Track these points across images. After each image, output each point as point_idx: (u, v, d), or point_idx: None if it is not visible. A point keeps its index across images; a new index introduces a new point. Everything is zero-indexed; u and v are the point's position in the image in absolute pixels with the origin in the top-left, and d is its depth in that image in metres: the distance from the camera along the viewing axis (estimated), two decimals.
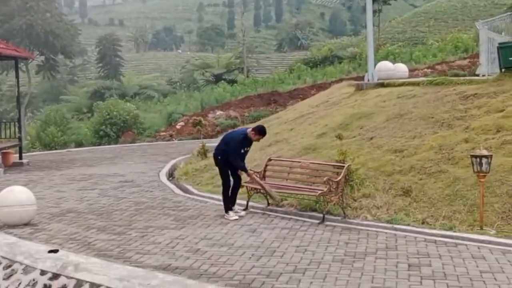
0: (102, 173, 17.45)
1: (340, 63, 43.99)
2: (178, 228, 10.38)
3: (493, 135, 11.89)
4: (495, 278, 7.45)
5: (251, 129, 11.06)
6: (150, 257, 8.58)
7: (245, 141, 10.90)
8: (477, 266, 7.93)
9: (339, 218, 10.67)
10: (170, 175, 17.18)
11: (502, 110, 12.67)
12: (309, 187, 11.47)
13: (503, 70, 14.42)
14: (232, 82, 46.98)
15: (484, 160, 9.51)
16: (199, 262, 8.33)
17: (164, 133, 31.17)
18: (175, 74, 71.63)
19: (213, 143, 19.78)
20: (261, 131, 10.99)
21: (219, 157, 11.05)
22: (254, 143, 11.22)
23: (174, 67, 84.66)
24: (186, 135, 30.04)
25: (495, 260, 8.22)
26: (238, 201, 12.38)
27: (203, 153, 17.20)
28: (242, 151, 10.91)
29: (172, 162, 19.23)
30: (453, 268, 7.88)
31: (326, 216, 10.68)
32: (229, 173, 11.09)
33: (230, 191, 11.15)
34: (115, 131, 31.26)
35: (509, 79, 13.99)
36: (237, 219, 10.79)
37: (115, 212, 11.82)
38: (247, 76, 51.42)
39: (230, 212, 11.03)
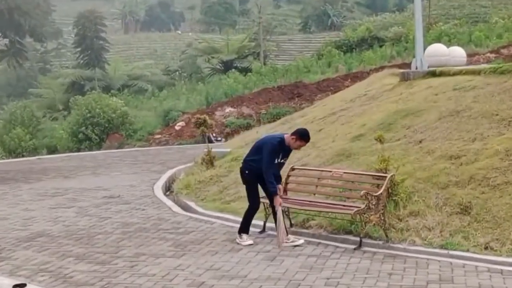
0: (81, 186, 17.57)
1: (381, 46, 43.92)
2: (177, 256, 10.43)
3: None
4: None
5: (289, 134, 10.95)
6: None
7: (281, 149, 10.76)
8: None
9: (380, 242, 10.67)
10: (168, 189, 17.25)
11: None
12: (342, 203, 11.47)
13: None
14: (245, 71, 47.07)
15: None
16: None
17: (159, 136, 31.30)
18: (173, 61, 71.84)
19: (221, 148, 19.91)
20: (303, 136, 10.84)
21: (247, 172, 10.97)
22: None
23: (172, 52, 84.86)
24: (187, 138, 30.14)
25: None
26: (254, 221, 12.43)
27: (209, 161, 17.25)
28: (276, 161, 10.78)
29: (170, 172, 19.31)
30: None
31: (363, 240, 10.68)
32: (258, 192, 10.97)
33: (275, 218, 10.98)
34: (98, 134, 31.45)
35: None
36: (251, 244, 10.79)
37: (97, 236, 11.88)
38: (264, 64, 51.46)
39: (244, 235, 11.04)
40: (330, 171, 12.13)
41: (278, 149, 10.71)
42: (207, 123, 17.56)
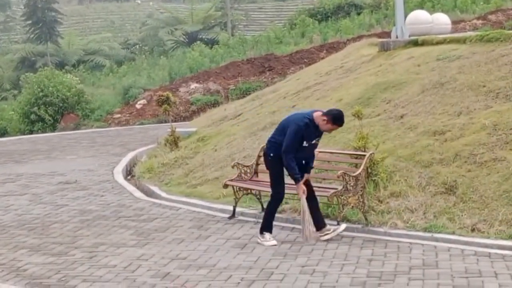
0: (34, 172, 17.48)
1: (359, 14, 43.87)
2: (140, 245, 10.44)
3: None
4: None
5: (321, 112, 10.21)
6: (103, 286, 8.64)
7: (310, 129, 10.06)
8: None
9: (359, 226, 10.75)
10: (128, 173, 17.23)
11: None
12: (317, 185, 11.51)
13: None
14: (211, 43, 46.87)
15: None
16: None
17: (119, 115, 31.15)
18: (133, 34, 71.30)
19: (186, 127, 19.88)
20: (337, 120, 10.11)
21: (271, 155, 10.31)
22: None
23: (132, 24, 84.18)
24: (149, 118, 30.02)
25: None
26: (220, 205, 12.48)
27: (173, 141, 17.22)
28: (305, 143, 10.13)
29: (131, 155, 19.28)
30: None
31: (341, 223, 10.75)
32: (283, 179, 10.42)
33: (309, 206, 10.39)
34: (52, 114, 31.19)
35: None
36: (275, 245, 10.13)
37: (53, 225, 11.86)
38: (232, 35, 51.27)
39: (267, 235, 10.32)
40: None
41: (304, 131, 10.01)
42: (170, 100, 17.49)
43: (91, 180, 15.99)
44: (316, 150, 11.50)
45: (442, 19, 20.54)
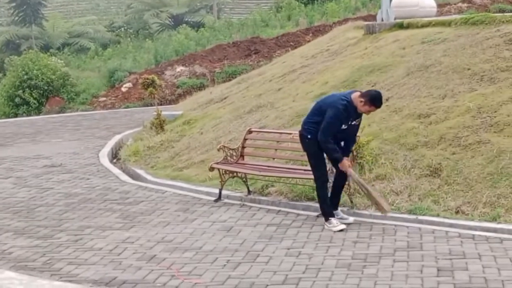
0: (19, 155, 17.43)
1: None
2: (126, 228, 10.45)
3: None
4: None
5: (359, 93, 9.99)
6: (88, 269, 8.65)
7: (348, 112, 9.82)
8: None
9: (345, 209, 10.78)
10: (114, 156, 17.22)
11: None
12: (303, 168, 11.53)
13: None
14: (197, 26, 46.73)
15: None
16: (155, 273, 8.43)
17: (104, 99, 31.07)
18: (118, 17, 70.99)
19: (172, 110, 19.87)
20: (374, 101, 9.85)
21: (309, 137, 10.05)
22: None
23: (117, 6, 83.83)
24: (135, 101, 29.97)
25: None
26: (206, 188, 12.51)
27: (159, 125, 17.22)
28: (344, 126, 9.92)
29: (117, 138, 19.25)
30: (497, 271, 8.06)
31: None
32: (324, 160, 10.19)
33: (331, 189, 10.32)
34: (37, 97, 31.07)
35: None
36: (343, 230, 9.89)
37: (38, 209, 11.85)
38: (218, 18, 51.15)
39: (333, 220, 10.05)
40: (290, 134, 12.14)
41: (343, 114, 9.77)
42: (155, 83, 17.48)
43: (76, 163, 15.96)
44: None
45: (427, 2, 20.55)
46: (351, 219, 10.27)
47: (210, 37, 38.71)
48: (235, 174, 11.89)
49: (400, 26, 17.50)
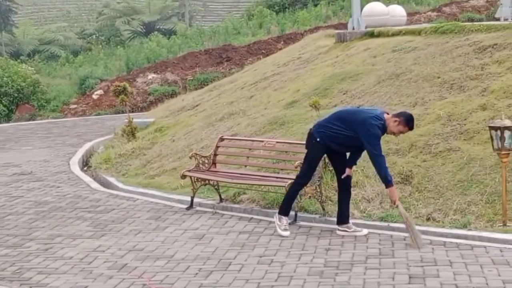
0: None
1: (316, 5, 44.04)
2: (97, 236, 10.37)
3: None
4: None
5: (391, 115, 9.76)
6: (58, 278, 8.57)
7: (383, 130, 9.66)
8: (499, 275, 8.13)
9: (317, 216, 10.79)
10: (85, 164, 17.10)
11: None
12: (275, 175, 11.54)
13: None
14: (169, 33, 46.67)
15: (507, 133, 9.69)
16: (126, 282, 8.36)
17: (75, 106, 30.89)
18: (89, 24, 70.73)
19: (144, 118, 19.79)
20: (409, 122, 9.67)
21: (318, 139, 9.85)
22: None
23: (88, 13, 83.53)
24: (106, 108, 29.83)
25: None
26: (178, 196, 12.46)
27: (131, 132, 17.13)
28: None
29: (87, 145, 19.13)
30: (468, 278, 8.07)
31: (299, 214, 10.78)
32: (316, 166, 10.18)
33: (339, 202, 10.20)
34: (7, 105, 30.81)
35: None
36: (286, 237, 9.92)
37: (8, 217, 11.73)
38: (190, 25, 51.12)
39: (284, 219, 10.08)
40: (262, 141, 12.17)
41: (381, 130, 9.58)
42: (127, 91, 17.42)
43: (46, 171, 15.83)
44: (275, 141, 11.48)
45: (397, 11, 20.73)
46: (365, 231, 10.02)
47: (182, 44, 38.69)
48: (207, 181, 11.84)
49: (371, 35, 17.60)
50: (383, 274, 8.30)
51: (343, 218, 10.13)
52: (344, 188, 10.16)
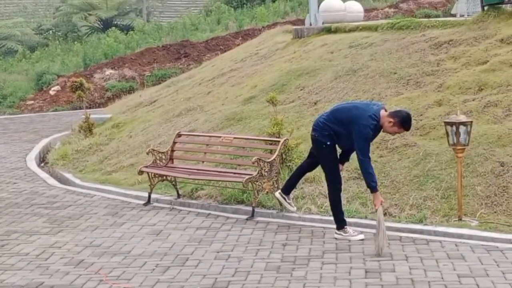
0: None
1: (274, 1, 44.10)
2: (53, 232, 10.28)
3: (474, 95, 12.25)
4: (477, 285, 7.72)
5: (387, 113, 9.31)
6: (15, 274, 8.48)
7: (375, 131, 9.31)
8: (455, 269, 8.21)
9: (274, 211, 10.80)
10: (42, 160, 16.95)
11: (485, 62, 13.04)
12: (233, 171, 11.53)
13: (485, 8, 14.83)
14: (126, 29, 46.39)
15: (462, 129, 9.77)
16: (83, 278, 8.29)
17: (32, 102, 30.56)
18: (46, 19, 70.06)
19: (101, 114, 19.63)
20: (405, 123, 9.28)
21: (328, 143, 9.46)
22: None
23: (45, 9, 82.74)
24: (63, 104, 29.56)
25: (477, 260, 8.53)
26: (135, 192, 12.39)
27: (88, 128, 16.99)
28: None
29: (44, 141, 18.95)
30: (423, 272, 8.14)
31: (256, 209, 10.79)
32: (338, 166, 9.75)
33: (296, 169, 10.06)
34: None
35: (494, 20, 14.39)
36: (363, 239, 9.45)
37: None
38: (148, 21, 50.84)
39: (348, 229, 9.60)
40: (220, 137, 12.16)
41: (369, 133, 9.18)
42: (84, 86, 17.27)
43: (3, 167, 15.67)
44: (232, 136, 11.48)
45: (355, 7, 20.79)
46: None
47: (140, 40, 38.49)
48: (164, 177, 11.80)
49: (328, 31, 17.64)
50: (340, 268, 8.33)
51: (290, 188, 10.09)
52: (309, 168, 10.08)
